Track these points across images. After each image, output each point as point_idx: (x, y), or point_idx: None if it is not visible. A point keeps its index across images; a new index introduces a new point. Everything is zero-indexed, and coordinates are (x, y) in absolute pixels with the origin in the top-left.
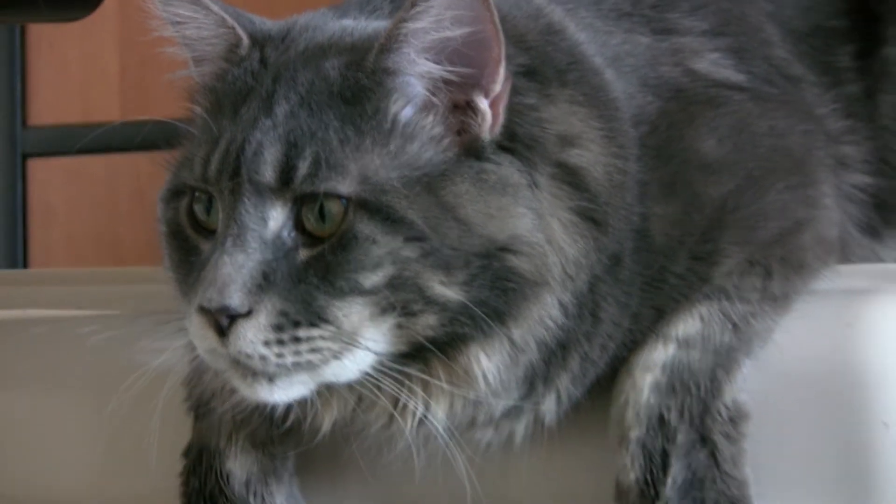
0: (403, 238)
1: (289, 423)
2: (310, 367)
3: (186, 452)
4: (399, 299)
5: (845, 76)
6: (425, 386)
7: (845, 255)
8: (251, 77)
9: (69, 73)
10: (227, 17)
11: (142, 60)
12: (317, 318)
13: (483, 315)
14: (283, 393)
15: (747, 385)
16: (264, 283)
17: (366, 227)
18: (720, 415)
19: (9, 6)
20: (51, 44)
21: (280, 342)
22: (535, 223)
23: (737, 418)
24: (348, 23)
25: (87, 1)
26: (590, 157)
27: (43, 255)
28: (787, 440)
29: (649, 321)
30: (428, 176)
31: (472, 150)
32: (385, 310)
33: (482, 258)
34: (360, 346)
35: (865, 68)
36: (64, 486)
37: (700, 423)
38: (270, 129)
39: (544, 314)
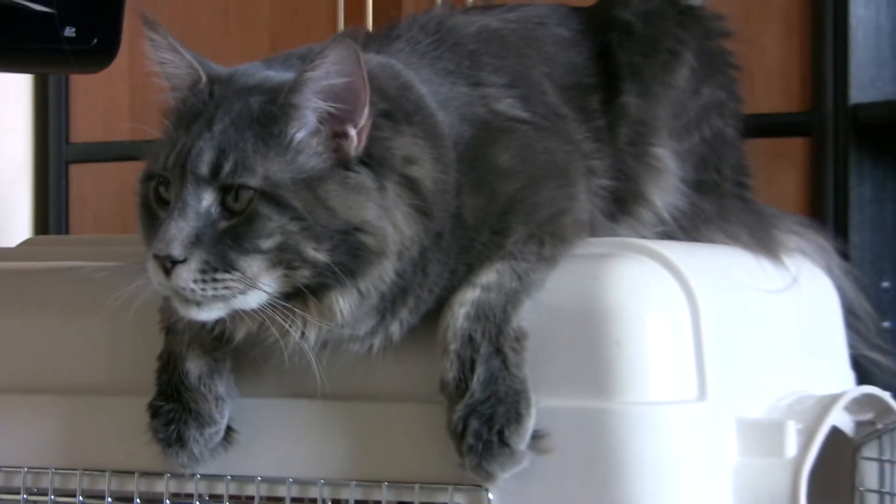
0: (289, 217)
1: (215, 333)
2: (223, 298)
3: (160, 357)
4: (285, 258)
5: (595, 115)
6: (302, 317)
7: (593, 232)
8: (202, 104)
9: (97, 105)
10: (193, 61)
11: (143, 92)
12: (229, 267)
13: (341, 272)
14: (206, 314)
15: (527, 316)
16: (196, 241)
17: (265, 208)
18: (509, 335)
19: (49, 62)
20: (84, 85)
21: (204, 281)
22: (379, 214)
23: (520, 337)
24: (271, 73)
25: (105, 57)
26: (424, 172)
27: (78, 231)
28: (553, 353)
29: (463, 274)
30: (310, 178)
31: (341, 163)
32: (275, 264)
33: (342, 234)
34: (258, 288)
35: (608, 110)
36: (77, 376)
37: (496, 340)
38: (209, 139)
39: (382, 274)
